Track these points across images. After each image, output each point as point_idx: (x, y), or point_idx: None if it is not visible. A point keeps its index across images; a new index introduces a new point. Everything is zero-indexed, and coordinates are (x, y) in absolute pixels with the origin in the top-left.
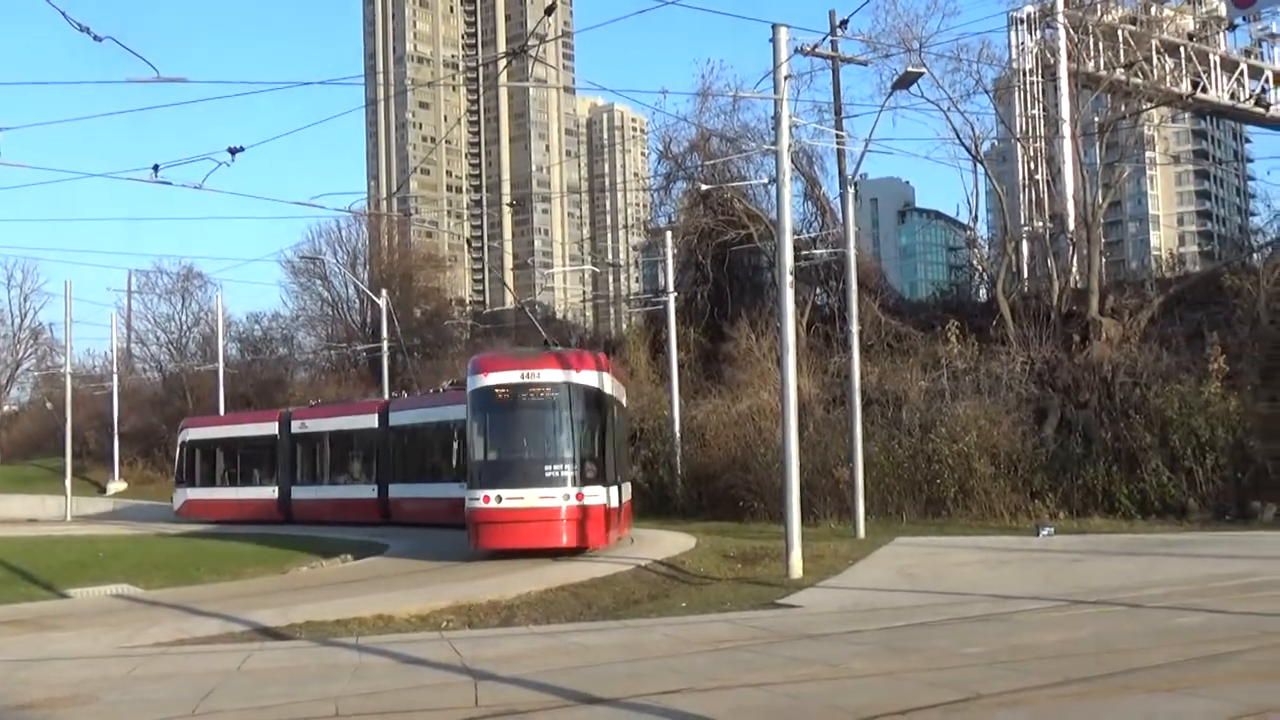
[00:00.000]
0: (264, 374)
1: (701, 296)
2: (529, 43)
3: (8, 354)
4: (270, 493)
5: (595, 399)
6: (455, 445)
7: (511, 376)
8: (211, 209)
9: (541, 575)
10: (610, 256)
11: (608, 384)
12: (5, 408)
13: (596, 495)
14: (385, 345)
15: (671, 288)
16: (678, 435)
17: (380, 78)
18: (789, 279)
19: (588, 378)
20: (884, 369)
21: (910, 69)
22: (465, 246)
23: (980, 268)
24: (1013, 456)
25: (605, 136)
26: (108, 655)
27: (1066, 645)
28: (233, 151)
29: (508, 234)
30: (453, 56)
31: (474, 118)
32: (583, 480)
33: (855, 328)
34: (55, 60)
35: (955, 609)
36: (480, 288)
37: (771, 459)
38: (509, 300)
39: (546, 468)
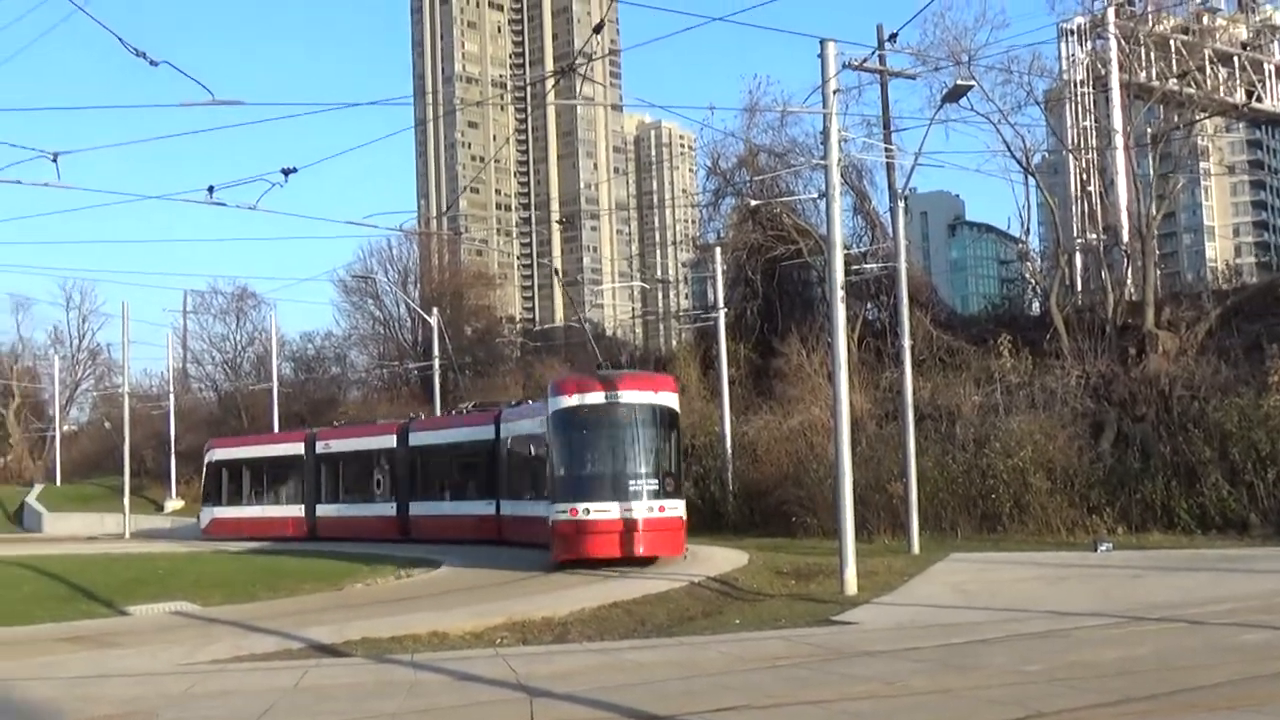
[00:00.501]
0: (317, 393)
1: (751, 312)
2: (576, 61)
3: (67, 375)
4: (297, 511)
5: (669, 417)
6: (475, 464)
7: (595, 397)
8: (265, 229)
9: (595, 592)
10: (659, 273)
11: (677, 403)
12: (65, 428)
13: (674, 508)
14: (437, 363)
15: (721, 304)
16: (729, 451)
17: (429, 98)
18: (840, 294)
19: (663, 398)
20: (936, 384)
21: (959, 82)
22: (515, 264)
23: (1033, 281)
24: (1069, 471)
25: (653, 153)
26: (166, 672)
27: (1127, 662)
28: (286, 173)
29: (557, 251)
30: (501, 76)
31: (522, 136)
32: (662, 493)
33: (907, 342)
34: (111, 84)
35: (1013, 625)
36: (530, 305)
37: (824, 474)
38: (559, 317)
39: (630, 482)
